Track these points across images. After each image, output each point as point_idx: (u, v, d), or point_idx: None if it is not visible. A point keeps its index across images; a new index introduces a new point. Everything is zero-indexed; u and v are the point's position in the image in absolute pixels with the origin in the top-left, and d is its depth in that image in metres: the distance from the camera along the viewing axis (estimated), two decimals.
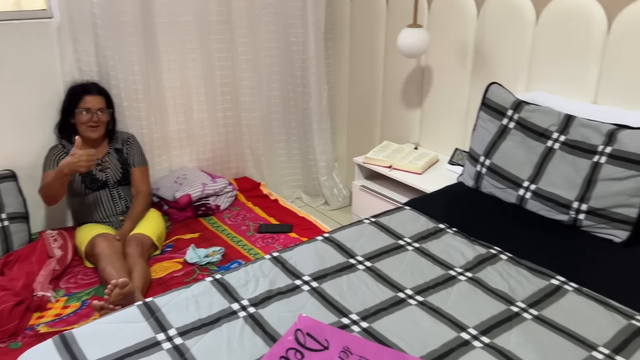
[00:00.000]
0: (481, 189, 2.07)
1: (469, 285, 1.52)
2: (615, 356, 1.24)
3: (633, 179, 1.68)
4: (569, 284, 1.51)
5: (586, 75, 1.99)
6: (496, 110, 2.07)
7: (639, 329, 1.33)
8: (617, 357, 1.24)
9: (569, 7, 1.98)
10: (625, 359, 1.24)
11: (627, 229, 1.70)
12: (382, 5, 2.70)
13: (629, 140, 1.71)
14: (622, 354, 1.25)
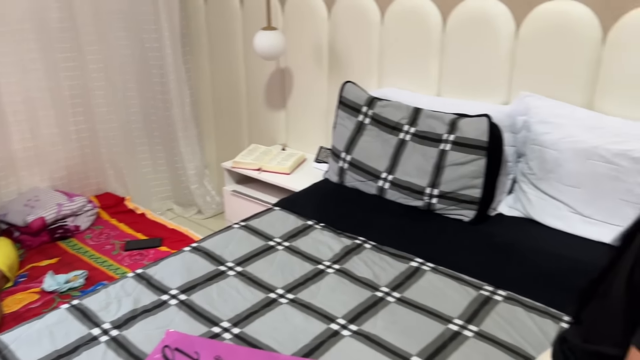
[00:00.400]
0: (345, 183, 2.15)
1: (337, 277, 1.57)
2: (468, 325, 1.36)
3: (473, 162, 1.85)
4: (426, 264, 1.62)
5: (429, 70, 2.15)
6: (352, 108, 2.16)
7: (487, 298, 1.46)
8: (469, 326, 1.36)
9: (408, 7, 2.12)
10: (476, 326, 1.36)
11: (474, 208, 1.87)
12: (236, 7, 2.69)
13: (467, 127, 1.88)
14: (474, 323, 1.37)
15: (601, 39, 1.73)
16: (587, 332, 1.00)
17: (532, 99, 1.87)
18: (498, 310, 1.41)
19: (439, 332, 1.34)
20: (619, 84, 1.72)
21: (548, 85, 1.86)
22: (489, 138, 1.83)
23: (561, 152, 1.76)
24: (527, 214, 1.88)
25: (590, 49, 1.75)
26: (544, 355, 1.08)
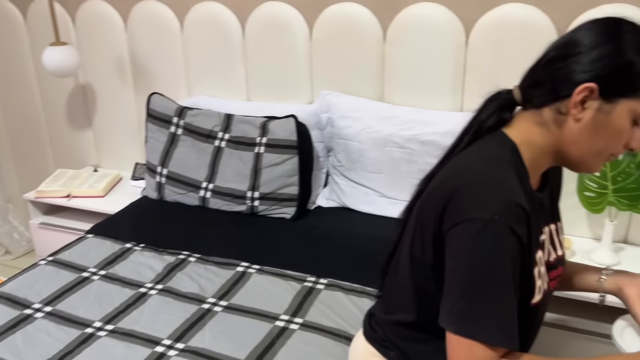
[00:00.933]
0: (165, 198, 2.08)
1: (161, 297, 1.51)
2: (294, 319, 1.41)
3: (287, 161, 1.92)
4: (252, 267, 1.64)
5: (236, 76, 2.17)
6: (162, 120, 2.09)
7: (310, 289, 1.53)
8: (295, 319, 1.40)
9: (206, 14, 2.12)
10: (301, 318, 1.41)
11: (293, 205, 1.93)
12: (19, 23, 2.44)
13: (277, 129, 1.94)
14: (299, 315, 1.42)
15: (382, 36, 1.90)
16: (387, 305, 1.09)
17: (332, 96, 1.99)
18: (321, 299, 1.48)
19: (267, 331, 1.36)
20: (401, 76, 1.91)
21: (345, 82, 2.00)
22: (297, 137, 1.91)
23: (362, 143, 1.91)
24: (342, 203, 2.01)
25: (374, 46, 1.92)
26: (359, 332, 1.16)
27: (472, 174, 0.89)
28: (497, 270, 0.83)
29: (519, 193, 0.86)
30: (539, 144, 0.92)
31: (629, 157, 1.59)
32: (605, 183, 1.63)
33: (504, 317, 0.83)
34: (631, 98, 0.85)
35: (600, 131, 0.87)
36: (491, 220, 0.82)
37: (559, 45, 0.91)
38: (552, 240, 1.03)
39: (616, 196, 1.62)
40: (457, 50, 1.81)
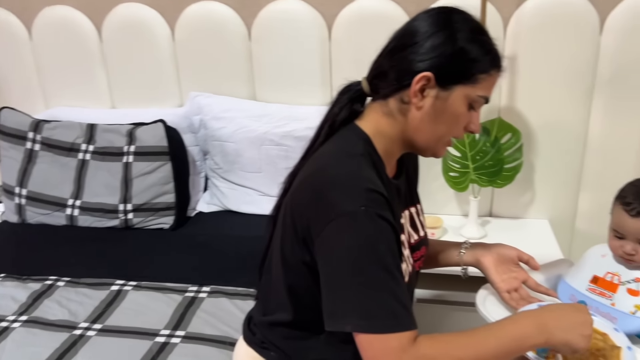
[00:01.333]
0: (28, 221, 1.90)
1: (25, 329, 1.37)
2: (175, 332, 1.34)
3: (159, 169, 1.83)
4: (127, 284, 1.54)
5: (97, 83, 2.04)
6: (15, 136, 1.91)
7: (192, 299, 1.47)
8: (176, 332, 1.34)
9: (57, 18, 1.96)
10: (183, 330, 1.35)
11: (171, 213, 1.86)
12: None
13: (145, 135, 1.85)
14: (181, 328, 1.36)
15: (247, 34, 1.88)
16: (264, 306, 1.08)
17: (202, 97, 1.94)
18: (204, 308, 1.44)
19: (146, 350, 1.28)
20: (271, 73, 1.91)
21: (215, 83, 1.96)
22: (168, 142, 1.84)
23: (238, 143, 1.88)
24: (224, 206, 1.96)
25: (240, 45, 1.89)
26: (241, 337, 1.14)
27: (330, 170, 0.89)
28: (378, 259, 0.83)
29: (377, 182, 0.88)
30: (388, 134, 0.95)
31: (484, 137, 1.72)
32: (466, 162, 1.74)
33: (396, 304, 0.83)
34: (465, 84, 0.89)
35: (440, 117, 0.91)
36: (359, 212, 0.82)
37: (398, 36, 0.94)
38: (412, 223, 1.08)
39: (477, 174, 1.74)
40: (322, 45, 1.84)
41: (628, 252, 1.11)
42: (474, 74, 0.89)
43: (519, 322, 0.88)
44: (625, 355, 0.95)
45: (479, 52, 0.88)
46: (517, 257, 1.12)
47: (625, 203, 1.11)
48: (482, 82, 0.90)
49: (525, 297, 1.09)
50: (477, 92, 0.90)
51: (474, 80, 0.89)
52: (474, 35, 0.89)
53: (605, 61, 1.67)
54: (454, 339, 0.86)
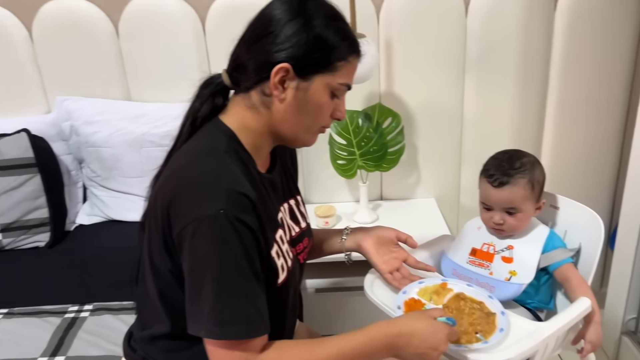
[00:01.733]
0: None
1: None
2: (54, 359, 1.23)
3: (28, 182, 1.68)
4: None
5: None
6: None
7: (73, 319, 1.36)
8: (55, 359, 1.23)
9: None
10: (63, 355, 1.24)
11: (46, 230, 1.71)
12: None
13: (7, 148, 1.68)
14: (60, 352, 1.25)
15: (114, 32, 1.76)
16: (142, 319, 1.01)
17: (71, 102, 1.79)
18: (86, 328, 1.33)
19: None
20: (145, 71, 1.80)
21: (84, 85, 1.81)
22: (34, 153, 1.68)
23: (116, 148, 1.76)
24: (107, 216, 1.84)
25: (108, 43, 1.76)
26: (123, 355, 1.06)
27: (189, 171, 0.85)
28: (234, 264, 0.80)
29: (241, 181, 0.84)
30: (253, 128, 0.92)
31: (367, 123, 1.74)
32: (353, 149, 1.76)
33: (251, 310, 0.82)
34: (324, 73, 0.87)
35: (304, 108, 0.89)
36: (217, 215, 0.79)
37: (253, 25, 0.90)
38: (292, 216, 1.06)
39: (363, 160, 1.76)
40: (197, 39, 1.76)
41: (497, 222, 1.17)
42: (333, 62, 0.87)
43: (372, 337, 0.87)
44: (499, 319, 1.00)
45: (335, 39, 0.87)
46: (396, 237, 1.14)
47: (488, 175, 1.17)
48: (342, 70, 0.89)
49: (407, 275, 1.11)
50: (338, 80, 0.89)
51: (333, 68, 0.88)
52: (329, 22, 0.87)
53: (473, 43, 1.76)
54: (302, 349, 0.86)
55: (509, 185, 1.14)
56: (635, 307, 1.75)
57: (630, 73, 1.76)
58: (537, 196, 1.18)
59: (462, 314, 1.01)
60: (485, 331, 0.98)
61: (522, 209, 1.15)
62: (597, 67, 1.75)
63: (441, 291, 1.07)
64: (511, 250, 1.19)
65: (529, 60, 1.76)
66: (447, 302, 1.04)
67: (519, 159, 1.17)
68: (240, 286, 0.81)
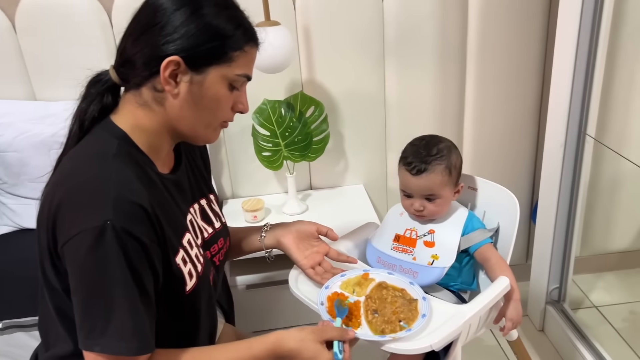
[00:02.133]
0: None
1: None
2: None
3: None
4: None
5: None
6: None
7: None
8: None
9: None
10: None
11: None
12: None
13: None
14: None
15: (11, 27, 1.63)
16: (45, 339, 0.94)
17: None
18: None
19: None
20: (49, 68, 1.68)
21: None
22: None
23: (22, 151, 1.64)
24: (18, 225, 1.72)
25: (5, 40, 1.63)
26: None
27: (75, 179, 0.79)
28: (117, 278, 0.75)
29: (132, 188, 0.78)
30: (148, 127, 0.86)
31: (290, 112, 1.71)
32: (277, 140, 1.72)
33: (134, 324, 0.77)
34: (219, 65, 0.82)
35: (200, 103, 0.84)
36: (104, 226, 0.74)
37: (139, 16, 0.84)
38: (204, 216, 1.01)
39: (288, 150, 1.73)
40: (104, 32, 1.66)
41: (417, 208, 1.17)
42: (227, 53, 0.82)
43: (253, 354, 0.86)
44: (420, 305, 1.00)
45: (228, 28, 0.82)
46: (317, 231, 1.12)
47: (407, 163, 1.17)
48: (238, 60, 0.84)
49: (329, 269, 1.10)
50: (235, 72, 0.84)
51: (229, 59, 0.82)
52: (220, 10, 0.82)
53: (391, 27, 1.75)
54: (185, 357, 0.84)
55: (426, 173, 1.14)
56: (557, 277, 1.83)
57: (543, 50, 1.81)
58: (455, 181, 1.19)
59: (385, 303, 1.01)
60: (408, 318, 0.98)
61: (441, 195, 1.16)
62: (511, 47, 1.79)
63: (363, 282, 1.06)
64: (432, 234, 1.19)
65: (446, 42, 1.78)
66: (370, 292, 1.04)
67: (435, 145, 1.17)
68: (123, 301, 0.76)
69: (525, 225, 2.09)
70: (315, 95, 1.74)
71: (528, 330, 1.90)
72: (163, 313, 0.84)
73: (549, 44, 1.79)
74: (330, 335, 0.89)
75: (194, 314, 0.92)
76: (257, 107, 1.70)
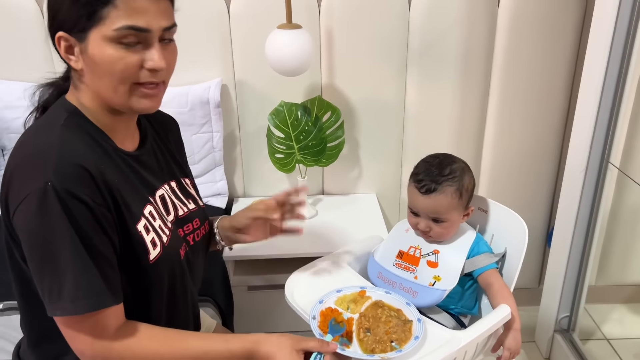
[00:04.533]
0: None
1: None
2: None
3: None
4: None
5: None
6: None
7: None
8: None
9: None
10: None
11: None
12: None
13: None
14: None
15: (38, 11, 1.64)
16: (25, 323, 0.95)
17: None
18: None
19: None
20: None
21: (6, 67, 1.69)
22: None
23: None
24: None
25: (31, 23, 1.65)
26: None
27: (22, 148, 0.81)
28: (64, 239, 0.76)
29: (75, 152, 0.79)
30: (88, 105, 0.86)
31: (306, 116, 1.69)
32: (291, 143, 1.71)
33: (88, 283, 0.78)
34: (94, 27, 0.78)
35: (96, 69, 0.81)
36: (45, 188, 0.75)
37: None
38: (176, 197, 1.01)
39: (302, 154, 1.71)
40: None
41: (422, 229, 1.14)
42: (95, 12, 0.77)
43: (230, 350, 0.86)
44: (415, 327, 0.97)
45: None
46: (272, 206, 1.06)
47: (417, 180, 1.14)
48: (110, 15, 0.77)
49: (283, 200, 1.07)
50: (111, 27, 0.78)
51: (99, 18, 0.77)
52: None
53: (415, 37, 1.72)
54: (160, 340, 0.85)
55: (435, 193, 1.11)
56: (568, 305, 1.77)
57: (571, 71, 1.75)
58: (465, 204, 1.15)
59: (378, 322, 0.98)
60: (400, 339, 0.95)
61: (448, 218, 1.12)
62: (538, 65, 1.74)
63: (359, 299, 1.04)
64: (437, 254, 1.16)
65: (471, 56, 1.74)
66: (365, 310, 1.01)
67: (448, 165, 1.14)
68: (73, 260, 0.77)
69: (540, 248, 2.03)
70: (333, 101, 1.72)
71: (534, 357, 1.85)
72: (124, 282, 0.85)
73: (579, 65, 1.74)
74: (309, 346, 0.87)
75: (159, 285, 0.91)
76: (274, 108, 1.69)
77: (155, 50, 0.81)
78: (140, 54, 0.80)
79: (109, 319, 0.81)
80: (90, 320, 0.79)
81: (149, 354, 0.84)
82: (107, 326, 0.81)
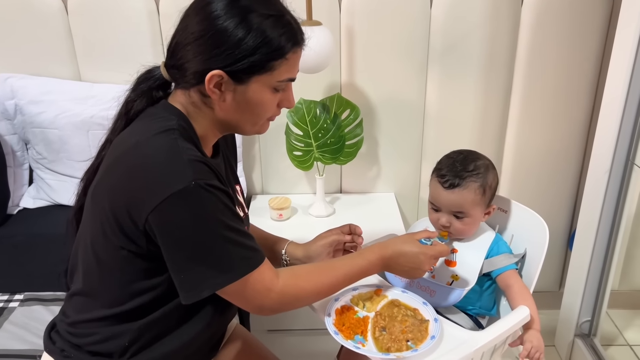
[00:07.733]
0: None
1: None
2: None
3: None
4: None
5: None
6: None
7: (1, 310, 1.30)
8: None
9: None
10: None
11: None
12: None
13: None
14: None
15: (63, 8, 1.67)
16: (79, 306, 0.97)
17: (15, 79, 1.70)
18: (13, 319, 1.27)
19: None
20: (96, 51, 1.72)
21: (31, 62, 1.73)
22: None
23: (62, 129, 1.68)
24: (53, 201, 1.77)
25: (56, 19, 1.67)
26: None
27: (144, 150, 0.83)
28: (219, 226, 0.82)
29: (197, 152, 0.85)
30: (199, 120, 0.91)
31: (324, 114, 1.68)
32: (309, 141, 1.70)
33: (246, 247, 0.85)
34: (260, 75, 0.85)
35: (245, 107, 0.89)
36: (191, 186, 0.79)
37: (190, 19, 0.87)
38: (239, 201, 1.05)
39: (320, 152, 1.71)
40: (150, 18, 1.68)
41: (443, 224, 1.13)
42: (268, 63, 0.85)
43: (370, 261, 0.97)
44: (431, 327, 0.96)
45: (269, 38, 0.83)
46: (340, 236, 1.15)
47: (440, 175, 1.13)
48: (280, 68, 0.86)
49: None
50: (277, 79, 0.87)
51: (270, 68, 0.85)
52: (264, 19, 0.83)
53: (437, 35, 1.70)
54: (314, 272, 0.95)
55: (459, 188, 1.10)
56: (589, 310, 1.74)
57: (596, 70, 1.72)
58: (488, 202, 1.14)
59: (394, 321, 0.97)
60: (416, 339, 0.94)
61: (471, 214, 1.11)
62: (562, 64, 1.70)
63: (375, 298, 1.03)
64: (455, 253, 1.15)
65: (493, 55, 1.71)
66: (380, 309, 1.00)
67: (473, 161, 1.13)
68: (228, 239, 0.83)
69: (562, 251, 2.00)
70: (352, 99, 1.71)
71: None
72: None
73: (604, 64, 1.70)
74: (419, 236, 1.01)
75: None
76: None
77: (290, 92, 0.93)
78: (279, 95, 0.91)
79: (269, 271, 0.88)
80: (256, 278, 0.85)
81: (315, 285, 0.93)
82: (271, 277, 0.88)
